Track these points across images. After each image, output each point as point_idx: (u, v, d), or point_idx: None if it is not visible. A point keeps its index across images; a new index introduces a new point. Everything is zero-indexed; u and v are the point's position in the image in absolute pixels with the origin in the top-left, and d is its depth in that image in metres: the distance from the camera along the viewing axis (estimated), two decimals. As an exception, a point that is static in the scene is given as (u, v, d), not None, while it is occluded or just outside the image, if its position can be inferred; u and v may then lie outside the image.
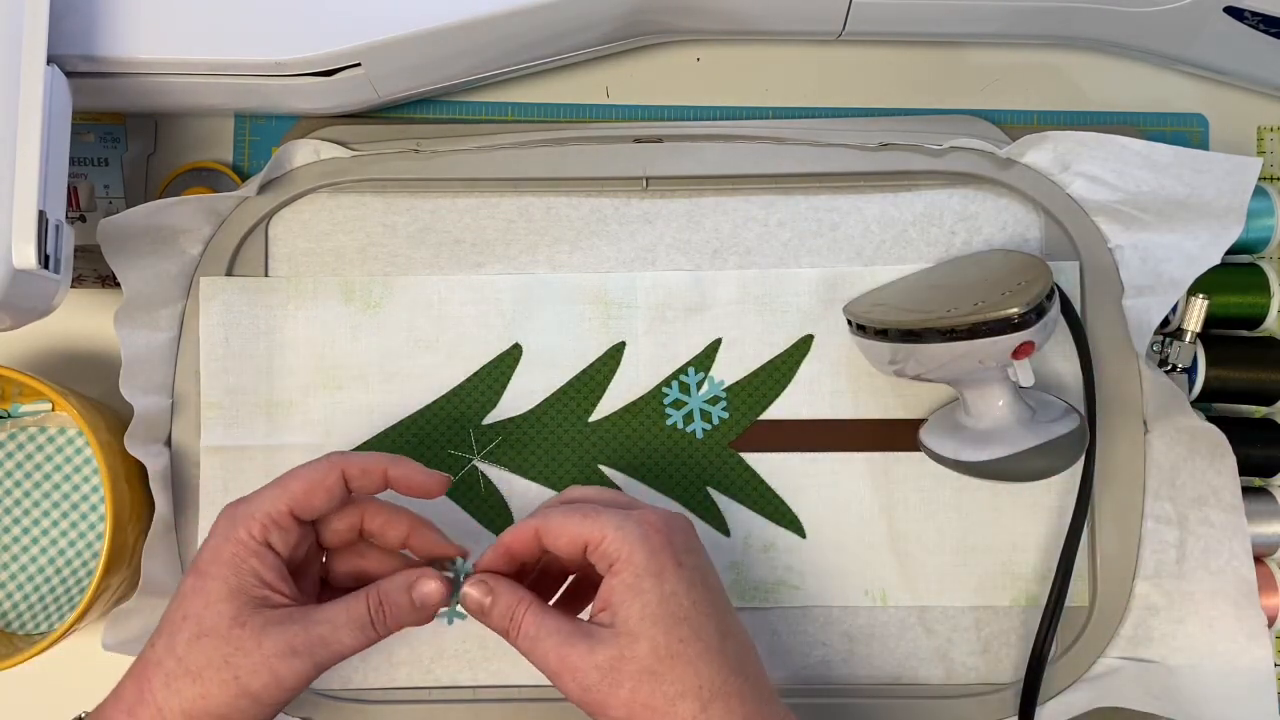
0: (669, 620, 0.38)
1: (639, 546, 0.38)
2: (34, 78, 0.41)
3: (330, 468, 0.41)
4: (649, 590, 0.38)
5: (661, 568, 0.38)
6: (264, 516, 0.40)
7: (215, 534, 0.40)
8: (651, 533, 0.39)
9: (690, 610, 0.38)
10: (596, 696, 0.37)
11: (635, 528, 0.39)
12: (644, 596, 0.38)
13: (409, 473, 0.42)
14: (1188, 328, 0.50)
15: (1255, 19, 0.49)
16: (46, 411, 0.52)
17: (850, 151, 0.52)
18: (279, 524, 0.40)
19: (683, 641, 0.38)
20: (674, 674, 0.37)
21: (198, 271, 0.51)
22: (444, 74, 0.52)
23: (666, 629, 0.37)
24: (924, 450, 0.50)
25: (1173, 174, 0.49)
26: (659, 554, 0.38)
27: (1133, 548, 0.50)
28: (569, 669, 0.38)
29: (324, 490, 0.41)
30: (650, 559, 0.38)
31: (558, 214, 0.52)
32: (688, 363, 0.52)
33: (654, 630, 0.37)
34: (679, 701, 0.37)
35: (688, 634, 0.38)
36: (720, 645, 0.38)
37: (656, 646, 0.37)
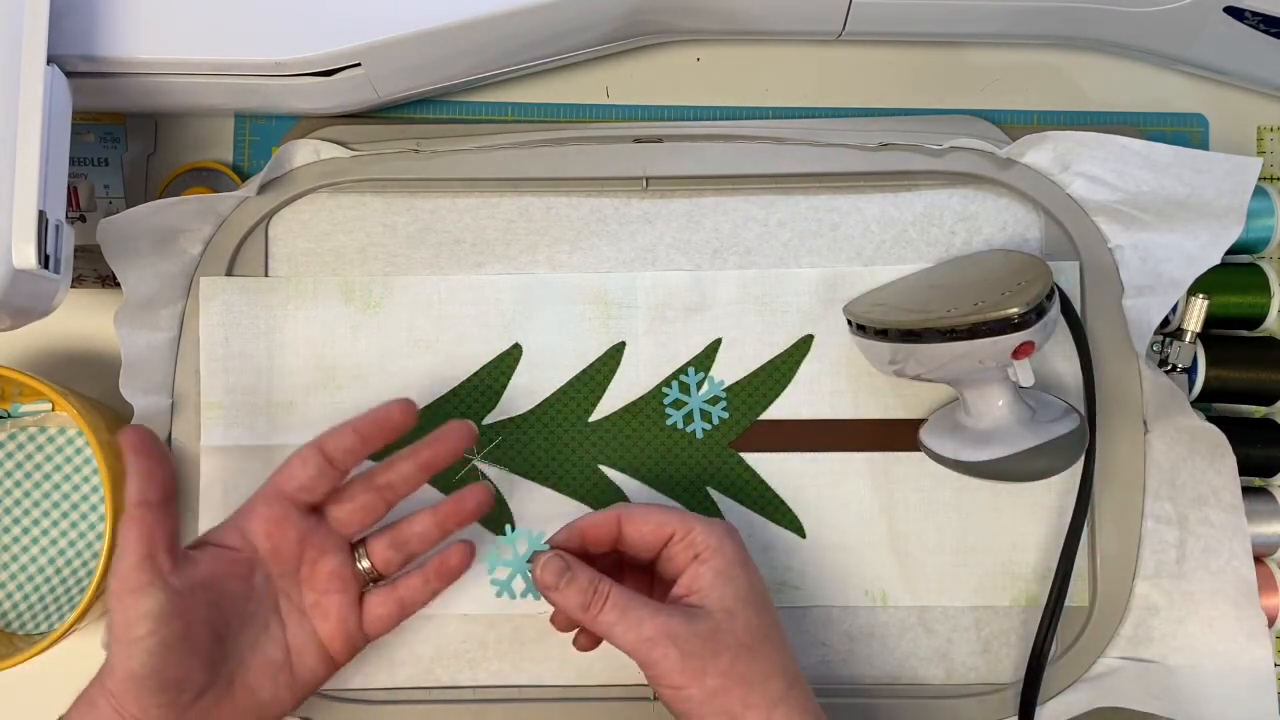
0: (759, 605, 0.42)
1: (726, 539, 0.43)
2: (34, 78, 0.41)
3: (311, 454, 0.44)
4: (740, 578, 0.42)
5: (745, 560, 0.43)
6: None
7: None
8: (733, 531, 0.43)
9: (768, 603, 0.42)
10: (696, 664, 0.40)
11: (721, 525, 0.43)
12: (736, 582, 0.42)
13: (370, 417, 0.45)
14: (1188, 328, 0.50)
15: (1255, 19, 0.49)
16: (46, 411, 0.52)
17: (850, 151, 0.52)
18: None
19: (769, 626, 0.42)
20: (765, 653, 0.41)
21: (198, 271, 0.51)
22: (444, 74, 0.52)
23: (758, 611, 0.41)
24: (924, 450, 0.50)
25: (1173, 174, 0.49)
26: (741, 549, 0.43)
27: (1133, 548, 0.50)
28: (671, 635, 0.40)
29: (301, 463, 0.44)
30: (738, 551, 0.43)
31: (558, 214, 0.52)
32: (688, 363, 0.52)
33: (748, 611, 0.41)
34: (770, 680, 0.40)
35: (772, 621, 0.42)
36: (788, 640, 0.43)
37: (751, 626, 0.41)
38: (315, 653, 0.45)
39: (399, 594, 0.46)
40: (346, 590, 0.45)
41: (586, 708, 0.50)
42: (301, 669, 0.44)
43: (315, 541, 0.45)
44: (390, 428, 0.45)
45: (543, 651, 0.51)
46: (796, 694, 0.41)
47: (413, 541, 0.46)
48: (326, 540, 0.45)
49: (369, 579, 0.46)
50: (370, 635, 0.46)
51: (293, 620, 0.45)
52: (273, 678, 0.43)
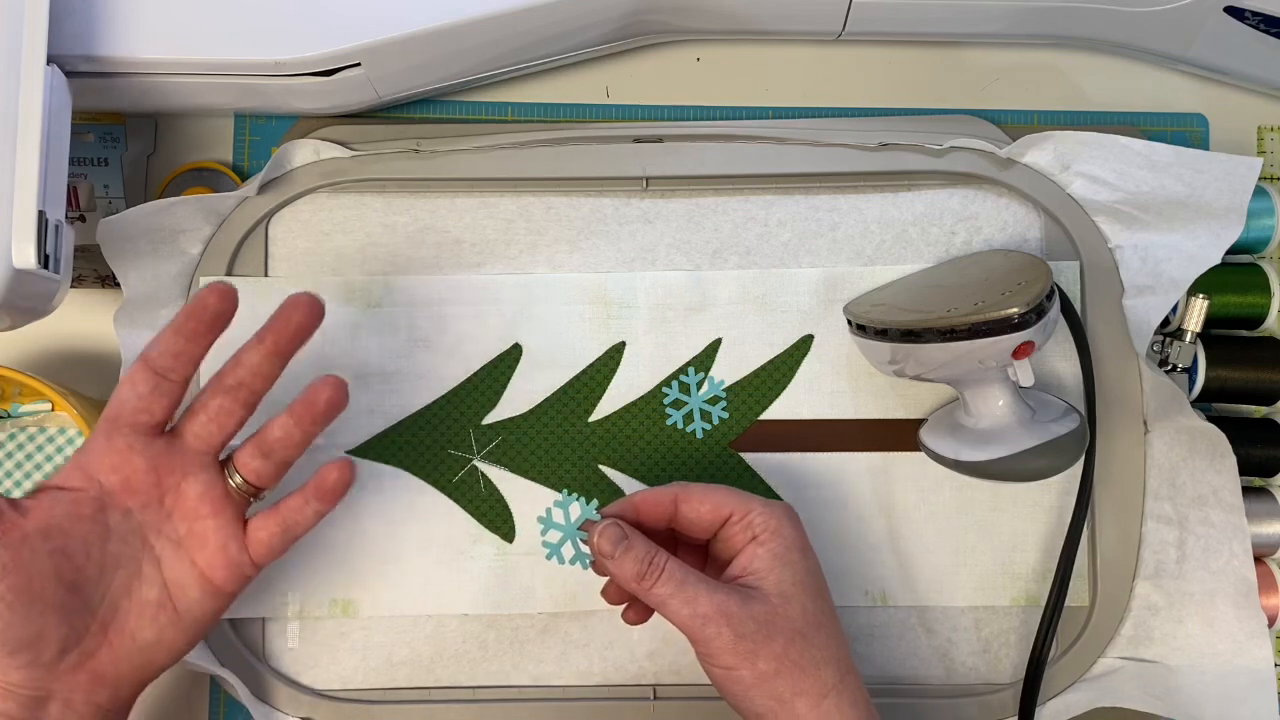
0: (815, 591, 0.41)
1: (785, 522, 0.42)
2: (34, 78, 0.41)
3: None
4: (798, 562, 0.41)
5: (805, 545, 0.42)
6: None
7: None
8: (793, 514, 0.43)
9: (825, 590, 0.42)
10: (748, 645, 0.39)
11: (780, 508, 0.42)
12: (794, 567, 0.41)
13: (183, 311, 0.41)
14: (1188, 328, 0.50)
15: (1255, 19, 0.49)
16: (46, 411, 0.52)
17: (850, 151, 0.52)
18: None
19: (824, 614, 0.41)
20: (820, 640, 0.40)
21: (198, 271, 0.51)
22: (444, 74, 0.52)
23: (814, 598, 0.41)
24: (924, 450, 0.50)
25: (1173, 174, 0.49)
26: (801, 533, 0.42)
27: (1133, 548, 0.50)
28: (725, 615, 0.39)
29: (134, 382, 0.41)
30: (797, 535, 0.42)
31: (558, 214, 0.52)
32: (688, 363, 0.52)
33: (805, 597, 0.41)
34: (824, 667, 0.40)
35: (827, 608, 0.41)
36: (842, 630, 0.42)
37: (807, 612, 0.40)
38: (197, 585, 0.42)
39: (280, 515, 0.43)
40: (220, 513, 0.42)
41: (586, 708, 0.50)
42: (185, 604, 0.41)
43: (172, 465, 0.41)
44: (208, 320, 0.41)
45: (543, 651, 0.51)
46: (850, 684, 0.40)
47: (276, 447, 0.42)
48: (186, 461, 0.42)
49: (246, 495, 0.43)
50: (257, 561, 0.43)
51: (167, 554, 0.41)
52: (153, 619, 0.41)
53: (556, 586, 0.51)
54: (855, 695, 0.40)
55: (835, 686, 0.40)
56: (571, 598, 0.51)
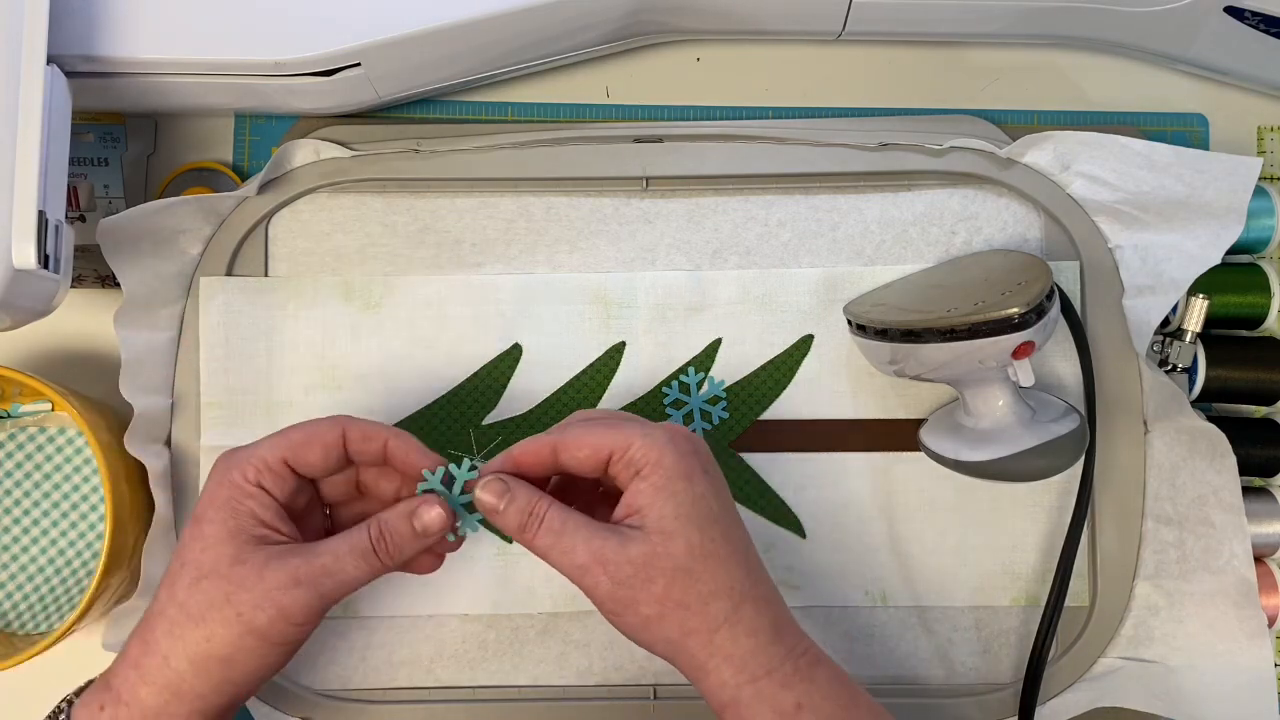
0: (702, 520, 0.38)
1: (668, 450, 0.38)
2: (34, 78, 0.41)
3: (333, 425, 0.41)
4: (681, 492, 0.38)
5: (691, 471, 0.38)
6: (259, 461, 0.40)
7: (211, 480, 0.40)
8: (679, 438, 0.39)
9: (720, 514, 0.39)
10: (627, 592, 0.37)
11: (662, 433, 0.39)
12: (677, 498, 0.38)
13: (408, 448, 0.42)
14: (1188, 328, 0.50)
15: (1255, 19, 0.49)
16: (46, 411, 0.52)
17: (850, 151, 0.52)
18: (273, 470, 0.40)
19: (714, 542, 0.38)
20: (708, 573, 0.37)
21: (198, 271, 0.51)
22: (444, 74, 0.52)
23: (700, 529, 0.38)
24: (924, 450, 0.50)
25: (1173, 174, 0.49)
26: (687, 458, 0.39)
27: (1133, 548, 0.50)
28: (602, 561, 0.37)
29: (322, 446, 0.41)
30: (680, 462, 0.38)
31: (558, 214, 0.52)
32: (688, 363, 0.52)
33: (689, 529, 0.38)
34: (712, 601, 0.37)
35: (719, 536, 0.38)
36: (746, 551, 0.39)
37: (691, 545, 0.37)
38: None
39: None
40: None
41: (586, 708, 0.50)
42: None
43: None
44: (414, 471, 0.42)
45: (543, 651, 0.51)
46: (745, 613, 0.38)
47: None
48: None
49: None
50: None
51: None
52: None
53: (556, 586, 0.51)
54: (754, 622, 0.38)
55: (728, 618, 0.37)
56: (571, 598, 0.51)
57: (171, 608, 0.38)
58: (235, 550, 0.38)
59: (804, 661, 0.38)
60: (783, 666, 0.38)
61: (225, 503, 0.39)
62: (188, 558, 0.39)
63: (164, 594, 0.39)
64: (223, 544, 0.38)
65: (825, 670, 0.38)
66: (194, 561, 0.38)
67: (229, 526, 0.39)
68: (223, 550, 0.38)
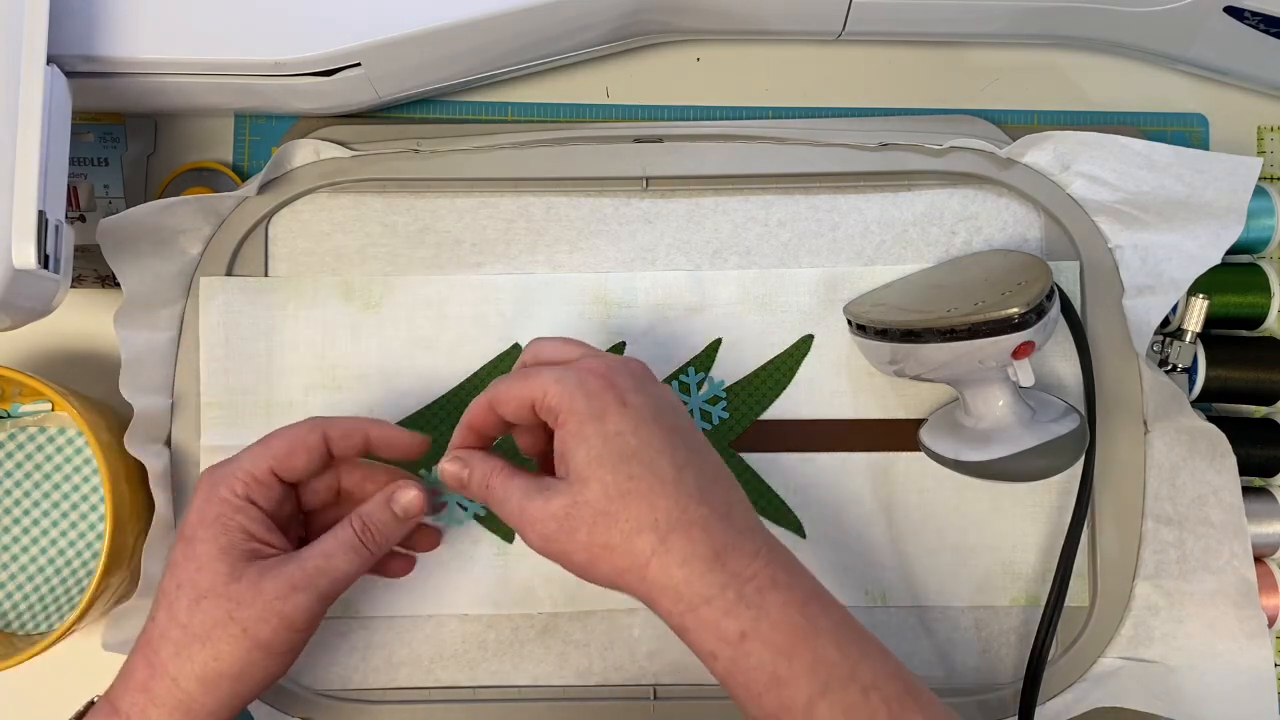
0: (615, 459, 0.37)
1: (577, 393, 0.38)
2: (34, 78, 0.41)
3: (312, 428, 0.42)
4: (592, 434, 0.38)
5: (603, 410, 0.38)
6: (245, 475, 0.40)
7: (198, 497, 0.41)
8: (589, 378, 0.39)
9: (638, 447, 0.37)
10: (557, 546, 0.38)
11: (573, 376, 0.39)
12: (588, 441, 0.37)
13: (390, 434, 0.43)
14: (1188, 328, 0.50)
15: (1255, 19, 0.49)
16: (46, 411, 0.52)
17: (850, 151, 0.52)
18: (261, 481, 0.41)
19: (632, 478, 0.37)
20: (627, 511, 0.37)
21: (198, 271, 0.51)
22: (444, 74, 0.52)
23: (614, 468, 0.37)
24: (924, 450, 0.50)
25: (1173, 174, 0.49)
26: (598, 397, 0.38)
27: (1133, 548, 0.50)
28: (529, 521, 0.38)
29: (305, 450, 0.41)
30: (589, 403, 0.38)
31: (558, 214, 0.52)
32: (688, 363, 0.52)
33: (601, 471, 0.37)
34: (635, 537, 0.37)
35: (638, 470, 0.37)
36: (676, 477, 0.37)
37: (606, 487, 0.37)
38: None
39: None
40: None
41: (586, 708, 0.50)
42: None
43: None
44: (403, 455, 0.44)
45: (543, 651, 0.51)
46: (674, 543, 0.36)
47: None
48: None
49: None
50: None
51: None
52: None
53: (556, 586, 0.51)
54: (684, 552, 0.36)
55: (655, 551, 0.36)
56: (571, 598, 0.51)
57: (174, 629, 0.39)
58: (230, 567, 0.39)
59: (751, 588, 0.36)
60: (724, 594, 0.36)
61: (215, 520, 0.40)
62: (183, 578, 0.39)
63: (163, 615, 0.39)
64: (217, 562, 0.39)
65: (779, 596, 0.36)
66: (190, 581, 0.39)
67: (221, 544, 0.40)
68: (218, 568, 0.39)
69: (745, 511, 0.39)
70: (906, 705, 0.36)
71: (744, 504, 0.39)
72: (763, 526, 0.39)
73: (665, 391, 0.41)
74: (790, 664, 0.35)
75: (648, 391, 0.39)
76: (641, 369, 0.41)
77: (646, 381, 0.40)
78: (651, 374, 0.41)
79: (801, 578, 0.38)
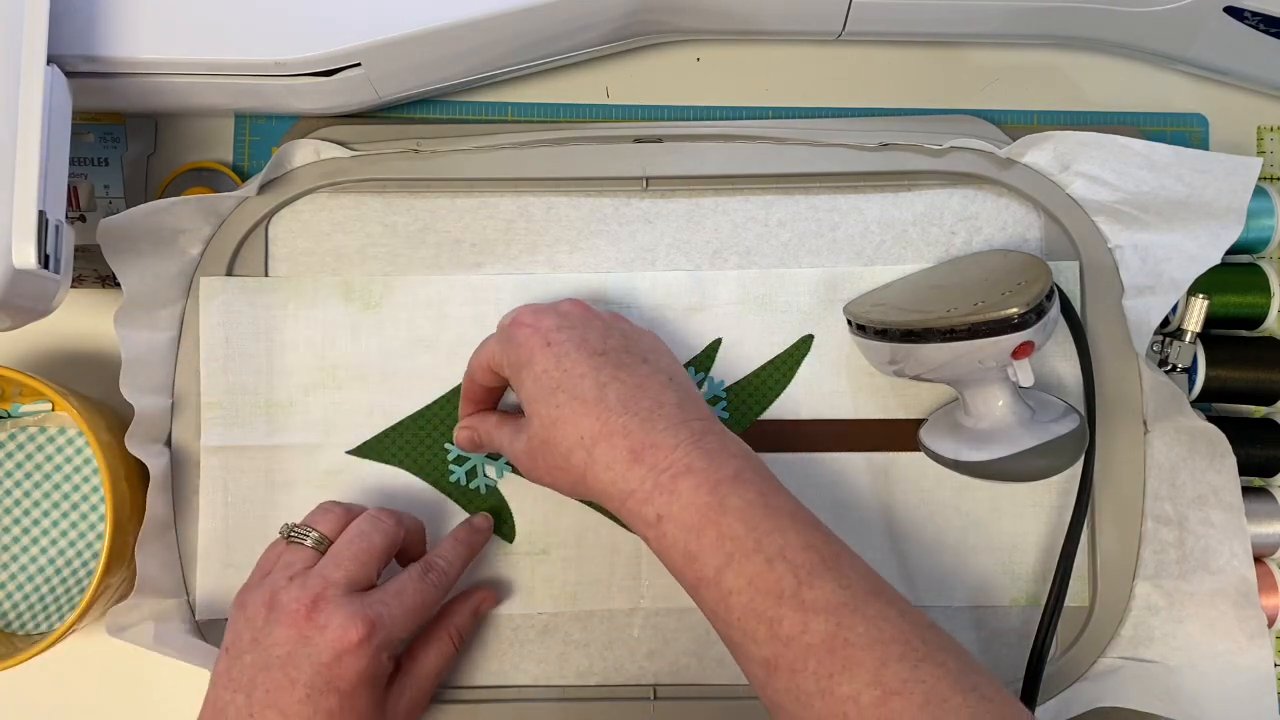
0: (544, 394, 0.42)
1: (509, 346, 0.44)
2: (34, 78, 0.41)
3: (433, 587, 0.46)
4: (526, 380, 0.43)
5: (530, 356, 0.43)
6: (397, 642, 0.43)
7: (361, 654, 0.42)
8: (517, 330, 0.44)
9: (561, 378, 0.42)
10: (533, 475, 0.45)
11: (506, 332, 0.44)
12: (524, 387, 0.43)
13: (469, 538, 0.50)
14: (1188, 328, 0.50)
15: (1255, 19, 0.49)
16: (46, 411, 0.52)
17: (850, 151, 0.52)
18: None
19: (559, 406, 0.42)
20: (559, 435, 0.42)
21: (198, 271, 0.51)
22: (444, 74, 0.52)
23: (545, 401, 0.42)
24: (924, 450, 0.50)
25: (1173, 174, 0.49)
26: (524, 345, 0.43)
27: (1133, 548, 0.50)
28: (516, 459, 0.45)
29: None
30: (517, 352, 0.43)
31: (558, 214, 0.52)
32: (688, 363, 0.52)
33: (538, 407, 0.43)
34: (569, 455, 0.42)
35: (563, 399, 0.42)
36: (598, 396, 0.42)
37: (542, 419, 0.43)
38: None
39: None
40: None
41: (586, 708, 0.50)
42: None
43: None
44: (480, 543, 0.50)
45: (543, 651, 0.51)
46: (599, 453, 0.41)
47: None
48: None
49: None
50: None
51: None
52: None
53: (556, 586, 0.51)
54: (607, 458, 0.41)
55: (586, 464, 0.41)
56: (571, 598, 0.51)
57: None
58: (379, 715, 0.43)
59: (666, 477, 0.40)
60: (642, 486, 0.40)
61: (374, 678, 0.42)
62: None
63: None
64: (372, 713, 0.43)
65: (691, 480, 0.40)
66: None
67: (375, 698, 0.43)
68: (373, 718, 0.43)
69: (676, 408, 0.42)
70: (817, 572, 0.39)
71: (676, 403, 0.42)
72: (698, 416, 0.42)
73: (591, 319, 0.45)
74: (699, 539, 0.39)
75: (572, 326, 0.44)
76: (571, 306, 0.45)
77: (572, 317, 0.44)
78: (585, 308, 0.46)
79: (722, 461, 0.41)
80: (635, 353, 0.44)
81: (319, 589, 0.42)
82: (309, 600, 0.42)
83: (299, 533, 0.45)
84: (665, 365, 0.44)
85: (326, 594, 0.42)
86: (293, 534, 0.45)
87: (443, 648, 0.47)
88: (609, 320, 0.45)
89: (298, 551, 0.44)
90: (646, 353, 0.44)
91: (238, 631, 0.43)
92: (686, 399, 0.43)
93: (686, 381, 0.45)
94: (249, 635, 0.42)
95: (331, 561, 0.43)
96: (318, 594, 0.42)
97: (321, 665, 0.41)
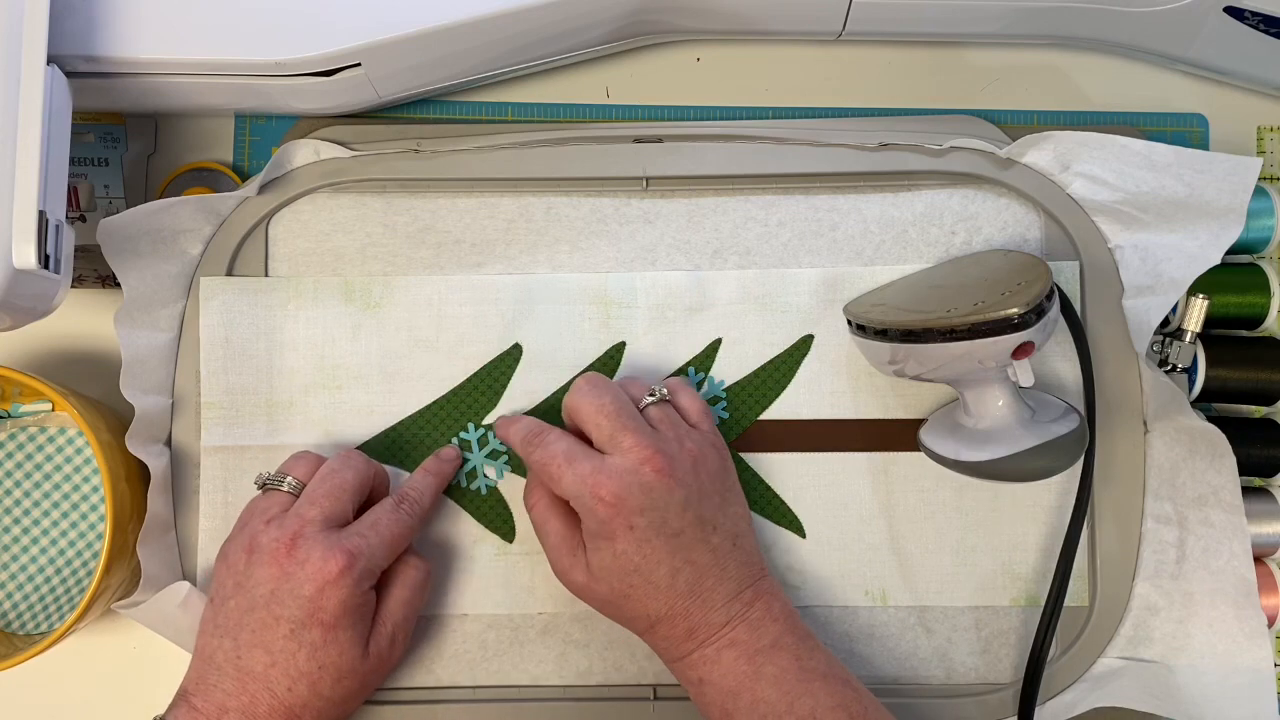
0: (620, 572, 0.44)
1: (589, 517, 0.44)
2: (34, 78, 0.41)
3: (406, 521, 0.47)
4: (603, 550, 0.44)
5: (613, 533, 0.44)
6: (376, 570, 0.45)
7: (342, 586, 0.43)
8: (599, 506, 0.43)
9: (640, 562, 0.44)
10: (582, 595, 0.46)
11: (588, 498, 0.44)
12: (599, 554, 0.44)
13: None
14: (1188, 328, 0.50)
15: (1255, 19, 0.49)
16: (46, 411, 0.52)
17: (850, 151, 0.52)
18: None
19: (632, 587, 0.44)
20: (626, 608, 0.45)
21: (198, 271, 0.51)
22: (444, 74, 0.52)
23: (619, 578, 0.44)
24: (924, 450, 0.50)
25: (1173, 174, 0.49)
26: (609, 523, 0.43)
27: (1133, 548, 0.50)
28: (560, 571, 0.47)
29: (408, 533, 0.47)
30: (601, 527, 0.44)
31: (558, 214, 0.52)
32: (688, 363, 0.52)
33: (610, 578, 0.44)
34: (630, 621, 0.46)
35: (638, 581, 0.44)
36: (670, 582, 0.44)
37: (613, 590, 0.44)
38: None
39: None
40: None
41: (586, 708, 0.50)
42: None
43: None
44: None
45: (543, 651, 0.51)
46: (659, 630, 0.44)
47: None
48: None
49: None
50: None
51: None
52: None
53: (556, 586, 0.51)
54: (666, 633, 0.44)
55: (645, 632, 0.45)
56: (571, 598, 0.51)
57: (317, 701, 0.43)
58: (362, 649, 0.44)
59: (712, 649, 0.44)
60: (690, 655, 0.44)
61: (356, 609, 0.44)
62: (326, 661, 0.43)
63: (306, 690, 0.43)
64: (355, 646, 0.44)
65: (732, 653, 0.43)
66: (333, 664, 0.43)
67: (360, 630, 0.44)
68: (355, 652, 0.44)
69: (734, 582, 0.45)
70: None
71: (735, 575, 0.45)
72: (750, 582, 0.45)
73: (669, 500, 0.44)
74: (735, 702, 0.43)
75: (654, 508, 0.44)
76: (652, 481, 0.44)
77: (653, 496, 0.44)
78: (662, 482, 0.44)
79: (764, 630, 0.44)
80: (709, 523, 0.45)
81: (296, 527, 0.44)
82: (288, 539, 0.43)
83: (274, 480, 0.47)
84: (732, 525, 0.46)
85: (304, 531, 0.44)
86: (268, 482, 0.47)
87: (411, 571, 0.47)
88: (685, 479, 0.45)
89: (274, 497, 0.46)
90: (718, 515, 0.45)
91: (221, 580, 0.45)
92: (746, 561, 0.46)
93: (748, 531, 0.47)
94: (232, 582, 0.44)
95: (306, 501, 0.45)
96: (296, 532, 0.44)
97: (304, 599, 0.42)
